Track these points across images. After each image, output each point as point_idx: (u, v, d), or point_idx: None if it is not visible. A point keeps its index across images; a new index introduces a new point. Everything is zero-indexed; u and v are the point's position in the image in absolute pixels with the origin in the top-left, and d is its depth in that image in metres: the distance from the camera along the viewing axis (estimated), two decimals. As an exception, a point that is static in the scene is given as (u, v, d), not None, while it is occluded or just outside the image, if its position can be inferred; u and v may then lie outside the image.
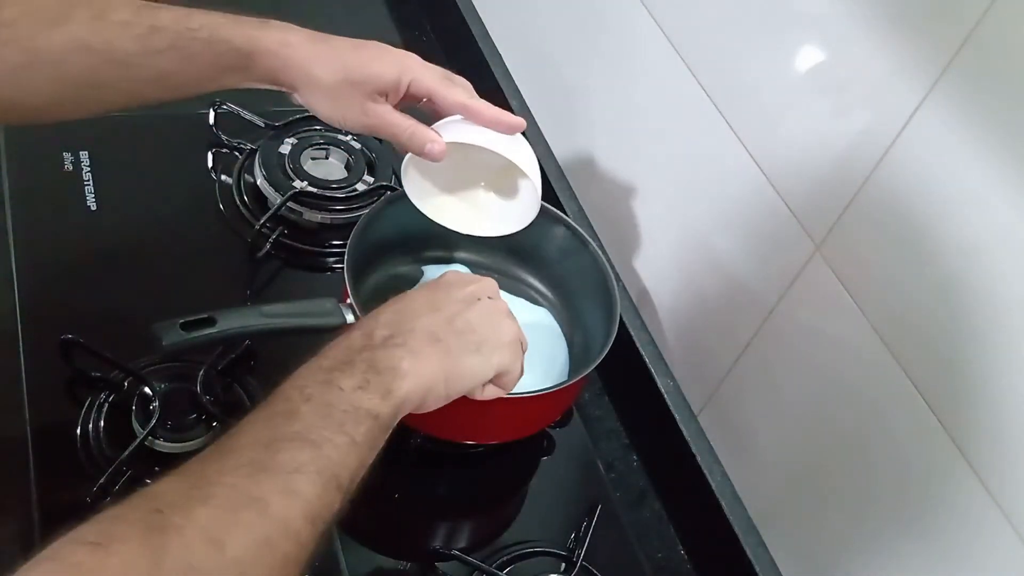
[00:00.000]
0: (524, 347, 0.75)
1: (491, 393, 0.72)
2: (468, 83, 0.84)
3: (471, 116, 0.80)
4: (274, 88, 0.80)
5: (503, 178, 0.88)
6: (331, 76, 0.77)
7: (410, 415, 0.88)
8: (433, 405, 0.65)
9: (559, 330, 0.99)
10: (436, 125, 0.81)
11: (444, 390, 0.65)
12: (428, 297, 0.70)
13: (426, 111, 0.84)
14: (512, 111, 1.15)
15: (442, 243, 1.00)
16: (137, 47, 0.72)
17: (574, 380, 0.88)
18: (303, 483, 0.53)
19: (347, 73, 0.77)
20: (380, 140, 1.15)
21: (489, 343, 0.68)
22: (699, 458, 0.91)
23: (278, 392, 0.59)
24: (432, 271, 0.99)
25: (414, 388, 0.62)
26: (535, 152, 0.83)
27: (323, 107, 0.80)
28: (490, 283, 0.76)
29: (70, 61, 0.71)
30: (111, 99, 0.75)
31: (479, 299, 0.71)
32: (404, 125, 0.80)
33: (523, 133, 0.83)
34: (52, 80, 0.71)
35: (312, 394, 0.57)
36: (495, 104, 0.81)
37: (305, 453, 0.53)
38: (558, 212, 0.99)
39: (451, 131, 0.80)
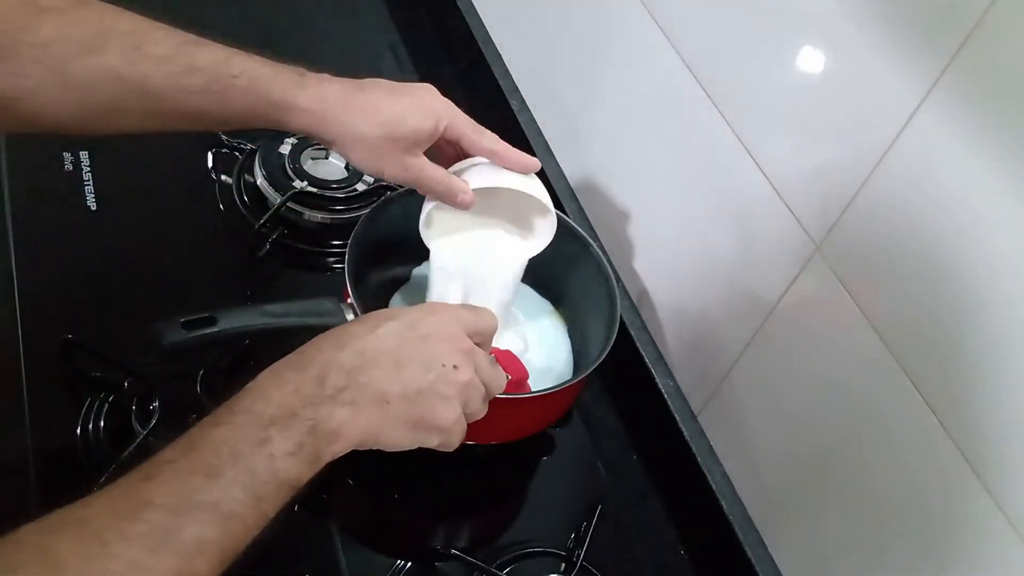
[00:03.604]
0: (482, 397, 0.70)
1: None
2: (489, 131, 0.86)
3: (498, 160, 0.84)
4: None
5: (516, 215, 0.90)
6: (372, 132, 0.77)
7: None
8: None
9: (563, 329, 0.99)
10: (457, 171, 0.84)
11: (367, 446, 0.64)
12: (397, 346, 0.65)
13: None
14: (513, 111, 1.15)
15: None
16: (171, 84, 0.71)
17: (575, 380, 0.88)
18: (201, 565, 0.52)
19: (388, 129, 0.77)
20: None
21: (426, 423, 0.65)
22: (699, 458, 0.91)
23: (211, 430, 0.57)
24: (419, 274, 0.99)
25: (342, 449, 0.62)
26: (540, 159, 0.88)
27: (361, 160, 0.80)
28: (470, 344, 0.69)
29: (100, 88, 0.70)
30: (136, 125, 0.74)
31: (444, 365, 0.66)
32: (439, 178, 0.81)
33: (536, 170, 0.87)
34: (79, 104, 0.70)
35: (241, 453, 0.56)
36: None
37: (213, 530, 0.53)
38: (558, 212, 0.99)
39: (476, 178, 0.83)
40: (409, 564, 0.86)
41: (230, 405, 0.60)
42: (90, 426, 0.84)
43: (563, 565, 0.87)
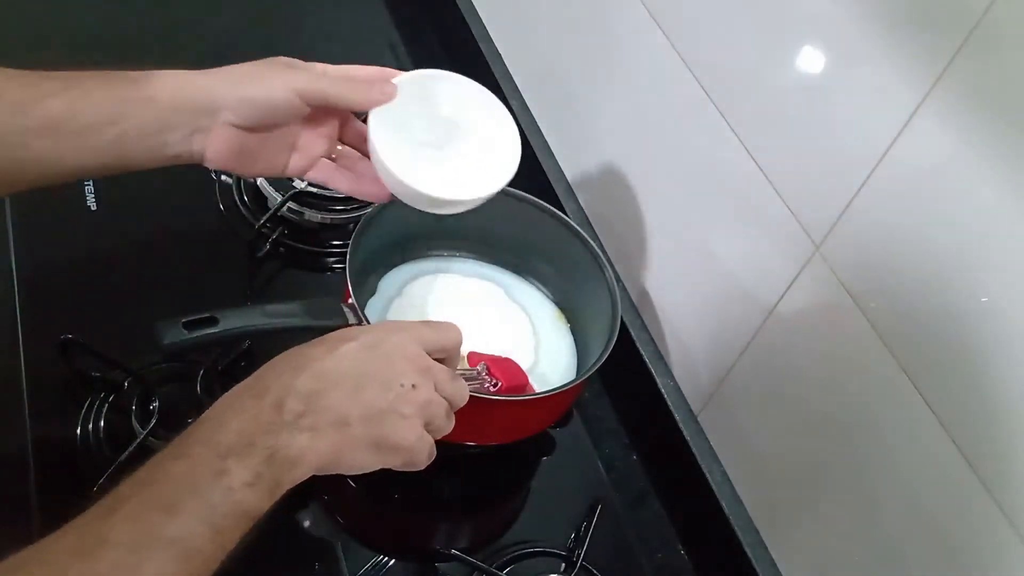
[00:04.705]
0: (444, 411, 0.69)
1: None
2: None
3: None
4: None
5: (474, 142, 0.85)
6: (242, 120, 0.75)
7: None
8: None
9: (567, 329, 0.99)
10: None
11: (328, 471, 0.62)
12: (356, 367, 0.64)
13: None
14: (512, 112, 1.15)
15: (444, 243, 1.00)
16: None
17: (576, 382, 0.88)
18: None
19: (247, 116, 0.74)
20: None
21: (388, 443, 0.64)
22: (699, 458, 0.91)
23: (170, 463, 0.57)
24: (389, 280, 0.97)
25: (303, 475, 0.61)
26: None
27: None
28: (429, 362, 0.68)
29: None
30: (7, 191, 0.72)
31: (402, 385, 0.65)
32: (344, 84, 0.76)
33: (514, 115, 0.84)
34: None
35: (199, 486, 0.56)
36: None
37: (174, 566, 0.53)
38: (558, 212, 0.99)
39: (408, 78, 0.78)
40: (409, 564, 0.86)
41: (188, 434, 0.59)
42: (90, 426, 0.84)
43: (563, 565, 0.87)
